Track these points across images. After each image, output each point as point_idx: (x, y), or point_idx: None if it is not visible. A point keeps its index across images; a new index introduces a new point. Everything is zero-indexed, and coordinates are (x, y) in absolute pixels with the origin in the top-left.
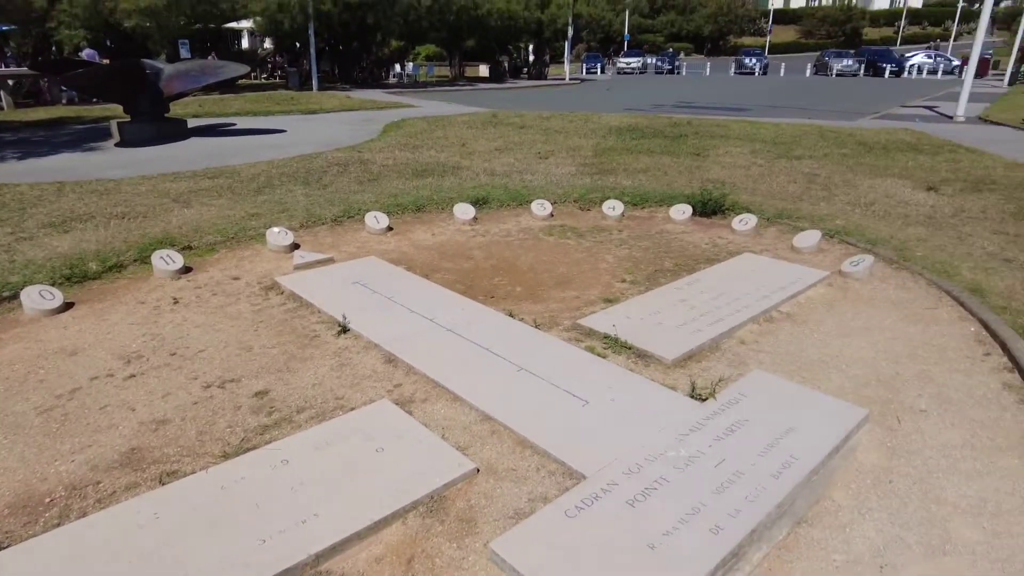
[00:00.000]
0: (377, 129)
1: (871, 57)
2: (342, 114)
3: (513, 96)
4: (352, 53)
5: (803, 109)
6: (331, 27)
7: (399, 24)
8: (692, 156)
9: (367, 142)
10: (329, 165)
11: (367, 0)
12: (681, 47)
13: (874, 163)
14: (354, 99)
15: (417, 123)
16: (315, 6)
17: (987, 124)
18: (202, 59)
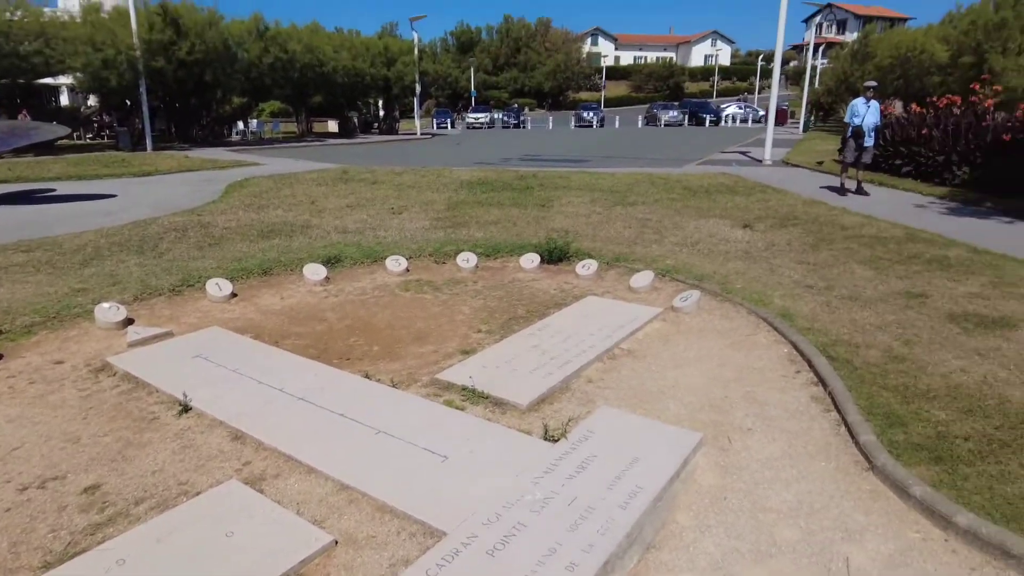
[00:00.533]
0: (219, 190)
1: (693, 109)
2: (180, 175)
3: (364, 151)
4: (190, 110)
5: (636, 158)
6: (165, 84)
7: (240, 81)
8: (538, 207)
9: (208, 204)
10: (166, 231)
11: (204, 57)
12: (525, 102)
13: (698, 205)
14: (193, 159)
15: (263, 182)
16: (146, 62)
17: (789, 166)
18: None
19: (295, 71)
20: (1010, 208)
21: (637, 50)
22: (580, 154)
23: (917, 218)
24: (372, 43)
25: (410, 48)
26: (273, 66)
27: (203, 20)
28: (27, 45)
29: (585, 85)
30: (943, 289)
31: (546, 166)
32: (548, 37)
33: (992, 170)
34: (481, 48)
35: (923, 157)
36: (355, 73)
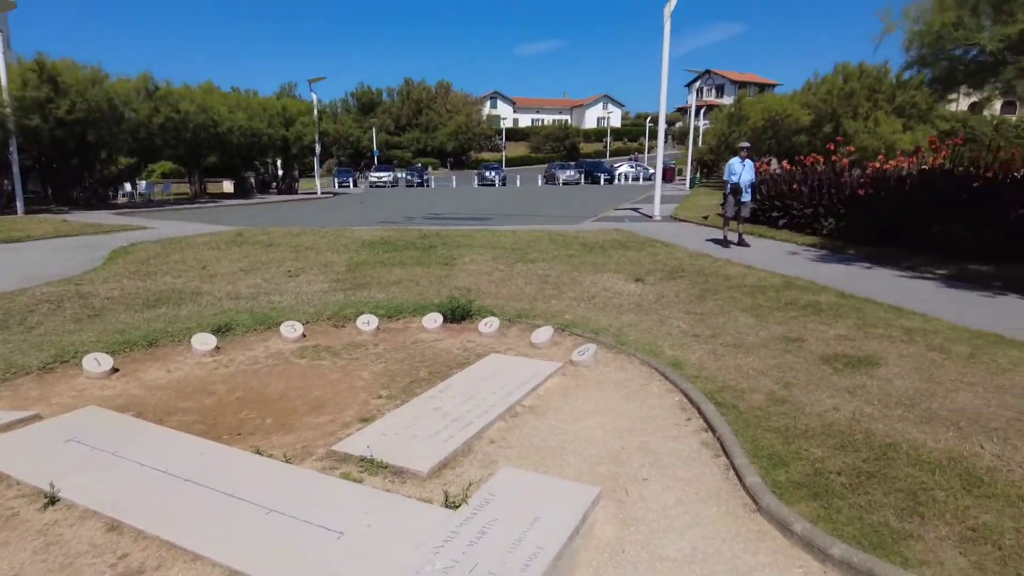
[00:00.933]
0: (101, 256)
1: (589, 168)
2: (57, 241)
3: (261, 212)
4: (71, 171)
5: (537, 216)
6: (41, 143)
7: (127, 141)
8: (442, 265)
9: (88, 272)
10: (37, 303)
11: (86, 116)
12: (428, 161)
13: (594, 261)
14: (73, 223)
15: (150, 247)
16: (18, 121)
17: (677, 221)
18: None
19: (188, 131)
20: (869, 255)
21: (534, 113)
22: (483, 212)
23: (792, 266)
24: (270, 103)
25: (309, 109)
26: (164, 126)
27: (85, 78)
28: None
29: (486, 145)
30: (816, 332)
31: (450, 224)
32: (448, 99)
33: (852, 221)
34: (383, 109)
35: (795, 210)
36: (252, 133)
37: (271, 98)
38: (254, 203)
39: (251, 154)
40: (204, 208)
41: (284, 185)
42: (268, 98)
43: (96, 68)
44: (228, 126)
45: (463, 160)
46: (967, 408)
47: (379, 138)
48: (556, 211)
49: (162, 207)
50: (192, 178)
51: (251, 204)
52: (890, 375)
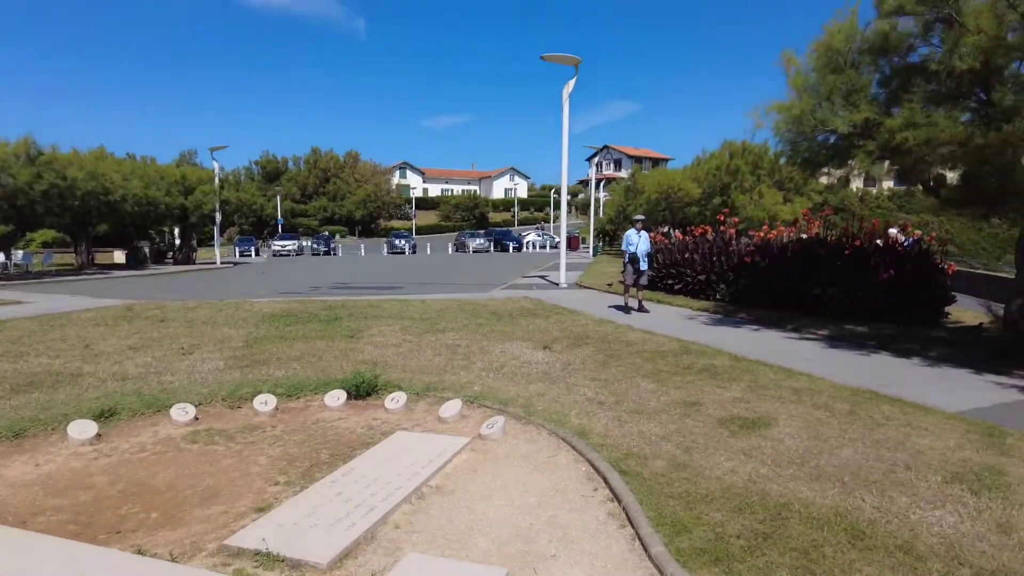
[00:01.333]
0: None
1: (498, 236)
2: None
3: (155, 284)
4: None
5: (447, 284)
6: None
7: (3, 208)
8: (347, 338)
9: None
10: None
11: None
12: (336, 230)
13: (503, 329)
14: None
15: (24, 324)
16: None
17: (582, 289)
18: None
19: (75, 199)
20: (758, 318)
21: (444, 183)
22: (392, 281)
23: (689, 331)
24: (168, 171)
25: (210, 177)
26: (47, 193)
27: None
28: None
29: (396, 214)
30: (713, 396)
31: (357, 294)
32: (357, 169)
33: (741, 286)
34: (288, 177)
35: (690, 277)
36: (148, 202)
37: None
38: (148, 274)
39: (146, 223)
40: (91, 280)
41: (181, 255)
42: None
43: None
44: (122, 194)
45: (372, 229)
46: (850, 463)
47: (284, 206)
48: (466, 279)
49: (42, 279)
50: (79, 248)
51: (144, 275)
52: (782, 435)
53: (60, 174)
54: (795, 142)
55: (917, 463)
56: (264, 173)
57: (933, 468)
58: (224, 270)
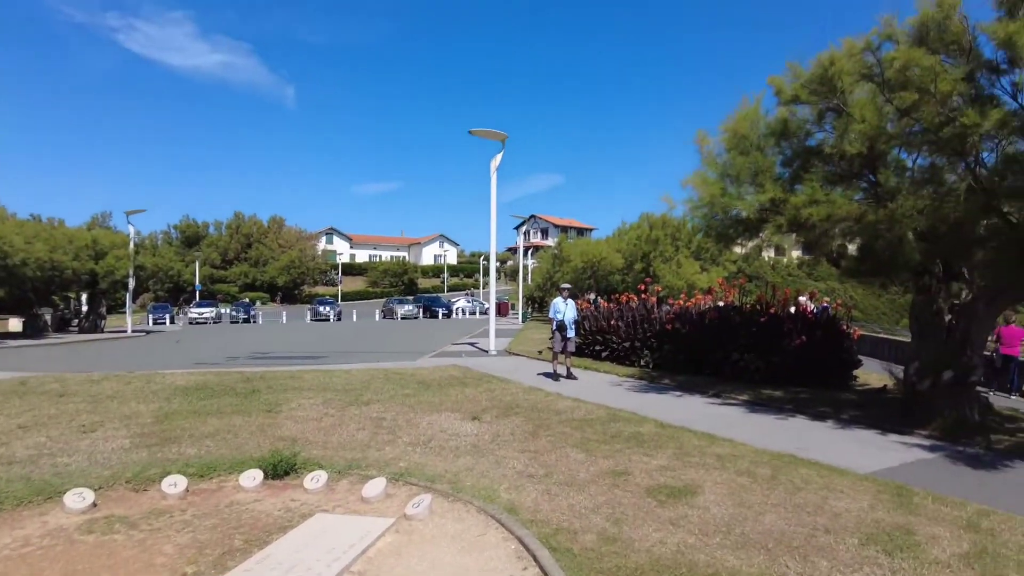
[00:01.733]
0: None
1: (427, 303)
2: None
3: (57, 355)
4: None
5: (374, 352)
6: None
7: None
8: (265, 413)
9: None
10: None
11: None
12: (257, 296)
13: (431, 400)
14: None
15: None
16: None
17: (512, 355)
18: None
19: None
20: (680, 384)
21: (372, 249)
22: (315, 350)
23: (616, 398)
24: (78, 235)
25: (125, 241)
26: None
27: None
28: None
29: (321, 280)
30: (640, 464)
31: (277, 365)
32: (282, 234)
33: (664, 353)
34: (209, 242)
35: (615, 344)
36: (52, 266)
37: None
38: (48, 343)
39: (49, 289)
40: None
41: (88, 323)
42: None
43: None
44: (22, 257)
45: (295, 295)
46: (773, 529)
47: (203, 272)
48: (394, 347)
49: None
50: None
51: (44, 345)
52: (707, 503)
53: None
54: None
55: (835, 526)
56: (183, 238)
57: (850, 530)
58: (135, 339)
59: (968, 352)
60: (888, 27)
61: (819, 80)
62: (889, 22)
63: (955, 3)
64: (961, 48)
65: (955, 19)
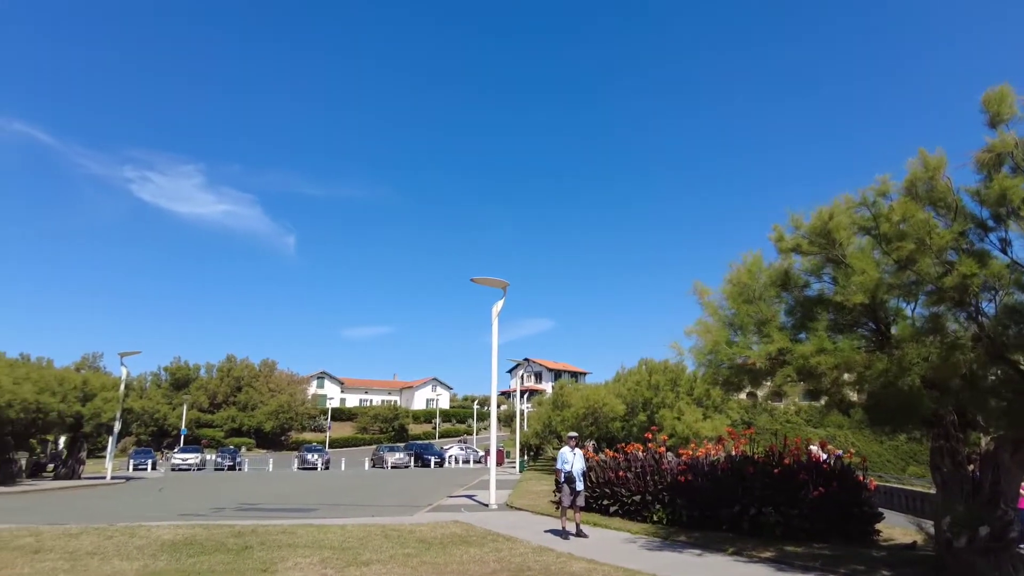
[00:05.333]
0: None
1: (418, 450)
2: None
3: (31, 503)
4: None
5: (366, 505)
6: None
7: None
8: (259, 573)
9: None
10: None
11: None
12: (243, 442)
13: (435, 560)
14: None
15: None
16: None
17: (513, 510)
18: None
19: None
20: (697, 541)
21: (363, 393)
22: (305, 502)
23: (631, 558)
24: (69, 376)
25: (115, 383)
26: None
27: None
28: None
29: (309, 425)
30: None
31: (267, 518)
32: (272, 378)
33: (676, 507)
34: (198, 385)
35: (624, 497)
36: (38, 408)
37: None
38: (20, 491)
39: (31, 432)
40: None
41: (65, 469)
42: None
43: None
44: (8, 399)
45: (282, 441)
46: None
47: (190, 415)
48: (387, 499)
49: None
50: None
51: (16, 493)
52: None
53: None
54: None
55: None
56: (173, 380)
57: None
58: (115, 487)
59: (1002, 506)
60: (883, 184)
61: (819, 232)
62: (884, 180)
63: (940, 165)
64: (948, 206)
65: (940, 180)
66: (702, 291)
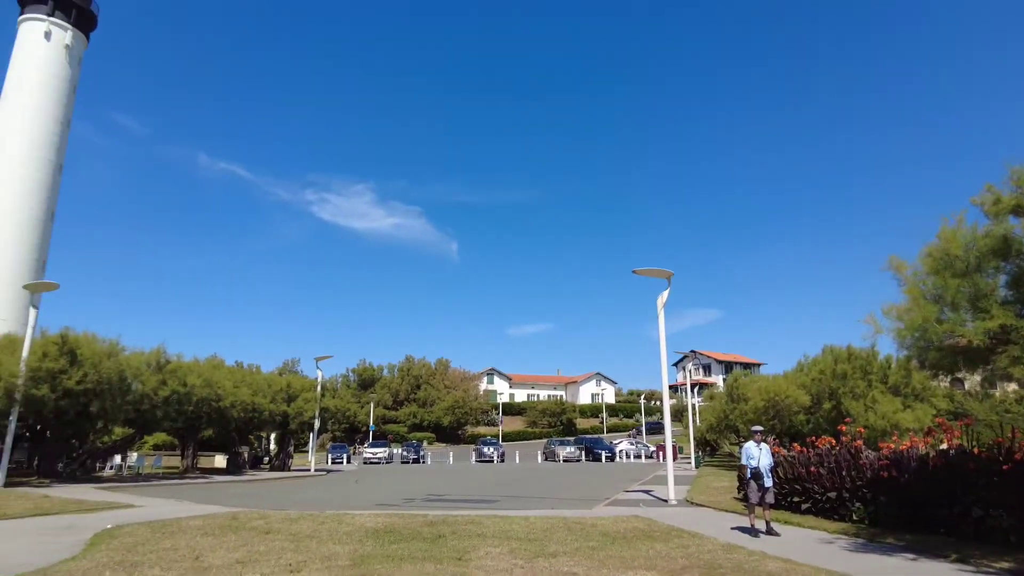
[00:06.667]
0: (82, 540)
1: (589, 444)
2: (34, 521)
3: (255, 491)
4: (61, 440)
5: (544, 498)
6: (42, 413)
7: (128, 412)
8: (454, 561)
9: (66, 561)
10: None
11: (94, 388)
12: (423, 436)
13: (621, 555)
14: (54, 499)
15: (137, 530)
16: (27, 391)
17: (694, 506)
18: None
19: (191, 405)
20: (909, 544)
21: (530, 388)
22: (487, 493)
23: (832, 559)
24: (274, 380)
25: (312, 385)
26: (168, 399)
27: (102, 351)
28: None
29: (482, 420)
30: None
31: (454, 508)
32: (447, 375)
33: (880, 505)
34: (382, 384)
35: (817, 493)
36: (253, 408)
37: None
38: (245, 480)
39: (248, 429)
40: (195, 485)
41: (277, 461)
42: (272, 374)
43: (114, 342)
44: (231, 400)
45: (459, 435)
46: None
47: (376, 412)
48: (564, 492)
49: (150, 481)
50: (184, 452)
51: (242, 481)
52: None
53: (181, 381)
54: (922, 348)
55: None
56: (360, 380)
57: None
58: (318, 478)
59: None
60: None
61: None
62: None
63: None
64: None
65: None
66: (899, 266)
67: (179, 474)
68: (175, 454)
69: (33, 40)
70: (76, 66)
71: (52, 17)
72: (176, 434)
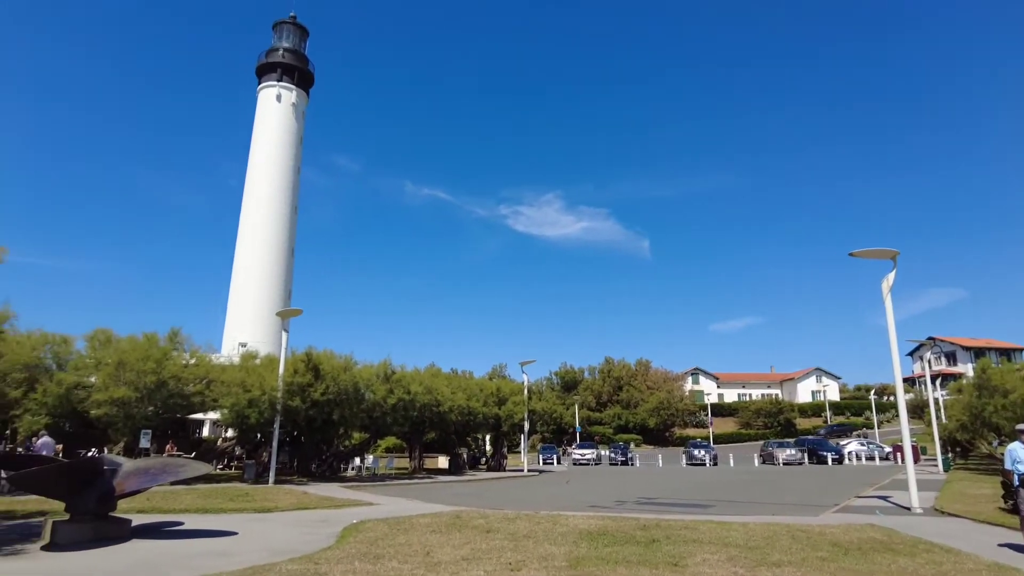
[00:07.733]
0: (334, 533)
1: (812, 446)
2: (297, 514)
3: (474, 490)
4: (313, 445)
5: (762, 503)
6: (296, 422)
7: (363, 419)
8: (670, 566)
9: (324, 550)
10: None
11: (335, 398)
12: (630, 438)
13: (857, 568)
14: (311, 496)
15: (377, 526)
16: (284, 402)
17: (945, 516)
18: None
19: (415, 410)
20: None
21: (740, 387)
22: (699, 497)
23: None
24: (486, 384)
25: (519, 389)
26: (395, 406)
27: (339, 366)
28: (192, 387)
29: (690, 421)
30: None
31: (666, 512)
32: (648, 376)
33: None
34: (584, 386)
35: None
36: (468, 412)
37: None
38: (465, 480)
39: (466, 431)
40: (421, 484)
41: (493, 462)
42: (483, 379)
43: (348, 357)
44: (449, 405)
45: (666, 437)
46: None
47: (580, 414)
48: (785, 497)
49: (384, 481)
50: (412, 453)
51: (463, 481)
52: None
53: (406, 389)
54: None
55: None
56: (562, 383)
57: None
58: (531, 478)
59: None
60: None
61: None
62: None
63: None
64: None
65: None
66: None
67: (408, 474)
68: (404, 456)
69: (268, 103)
70: (301, 119)
71: (280, 82)
72: (403, 437)
